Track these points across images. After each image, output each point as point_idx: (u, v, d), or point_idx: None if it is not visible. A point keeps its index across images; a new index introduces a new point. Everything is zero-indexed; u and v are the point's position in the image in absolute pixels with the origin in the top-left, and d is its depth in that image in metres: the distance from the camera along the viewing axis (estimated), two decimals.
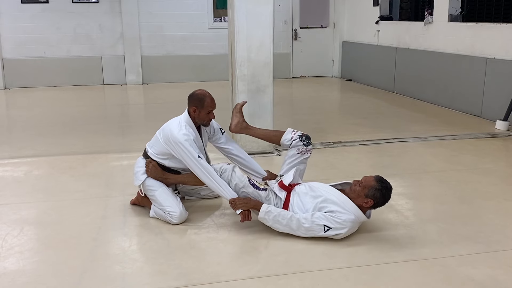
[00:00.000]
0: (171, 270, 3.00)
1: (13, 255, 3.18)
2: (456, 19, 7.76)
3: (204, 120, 3.68)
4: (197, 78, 10.96)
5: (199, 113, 3.64)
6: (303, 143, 3.66)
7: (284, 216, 3.31)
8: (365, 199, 3.27)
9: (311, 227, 3.25)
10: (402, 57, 9.09)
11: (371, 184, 3.26)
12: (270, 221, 3.34)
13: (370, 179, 3.29)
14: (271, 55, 5.19)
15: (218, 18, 11.05)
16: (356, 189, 3.30)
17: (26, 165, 5.08)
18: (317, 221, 3.24)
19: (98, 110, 8.40)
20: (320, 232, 3.24)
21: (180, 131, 3.55)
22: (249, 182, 3.53)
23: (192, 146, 3.52)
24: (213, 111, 3.69)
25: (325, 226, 3.22)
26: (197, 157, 3.49)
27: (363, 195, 3.27)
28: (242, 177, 3.55)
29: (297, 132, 3.71)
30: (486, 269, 2.97)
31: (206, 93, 3.72)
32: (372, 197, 3.25)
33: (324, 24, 11.67)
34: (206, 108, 3.64)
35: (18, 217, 3.78)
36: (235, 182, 3.52)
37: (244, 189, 3.51)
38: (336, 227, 3.23)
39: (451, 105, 7.72)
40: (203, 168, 3.50)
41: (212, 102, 3.67)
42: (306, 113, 7.90)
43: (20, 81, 10.40)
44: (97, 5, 10.51)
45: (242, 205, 3.42)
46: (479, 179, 4.59)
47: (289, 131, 3.75)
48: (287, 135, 3.72)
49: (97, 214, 3.80)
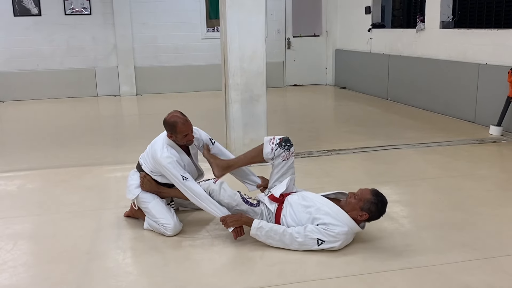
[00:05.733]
0: (166, 282, 2.97)
1: (6, 270, 3.14)
2: (448, 25, 7.80)
3: (184, 142, 3.62)
4: (191, 88, 10.99)
5: (176, 138, 3.58)
6: (284, 148, 3.57)
7: (276, 231, 3.26)
8: (360, 212, 3.23)
9: (304, 242, 3.21)
10: (395, 64, 9.13)
11: (367, 198, 3.22)
12: (262, 237, 3.29)
13: (366, 192, 3.26)
14: (264, 65, 5.20)
15: (211, 28, 11.08)
16: (351, 202, 3.26)
17: (19, 178, 5.06)
18: (310, 235, 3.20)
19: (92, 122, 8.37)
20: (314, 246, 3.20)
21: (162, 153, 3.51)
22: (242, 200, 3.43)
23: (175, 168, 3.46)
24: (190, 133, 3.58)
25: (318, 240, 3.19)
26: (181, 179, 3.44)
27: (358, 208, 3.22)
28: (234, 195, 3.43)
29: (275, 140, 3.62)
30: (482, 276, 2.96)
31: (177, 118, 3.55)
32: (368, 211, 3.22)
33: (317, 32, 11.71)
34: (180, 133, 3.55)
35: (11, 231, 3.75)
36: (227, 201, 3.41)
37: (237, 207, 3.42)
38: (330, 240, 3.19)
39: (444, 111, 7.74)
40: (188, 189, 3.44)
41: (184, 126, 3.53)
42: (300, 122, 7.91)
43: (13, 94, 10.37)
44: (90, 17, 10.51)
45: (233, 223, 3.35)
46: (474, 185, 4.60)
47: (267, 142, 3.64)
48: (267, 149, 3.61)
49: (91, 227, 3.77)
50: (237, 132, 5.26)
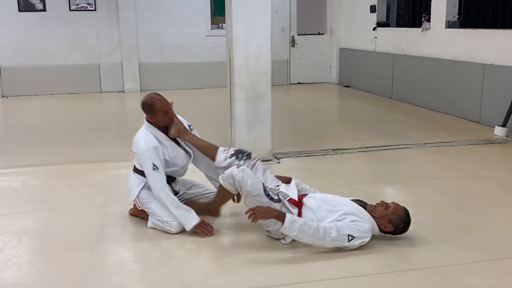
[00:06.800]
0: (170, 281, 2.96)
1: (11, 267, 3.14)
2: (454, 25, 7.77)
3: (165, 121, 3.61)
4: (195, 85, 10.98)
5: (157, 119, 3.58)
6: (243, 159, 3.53)
7: (310, 225, 3.18)
8: (387, 223, 3.28)
9: (337, 237, 3.17)
10: (400, 63, 9.10)
11: (399, 214, 3.30)
12: (295, 231, 3.17)
13: (400, 208, 3.33)
14: (269, 63, 5.18)
15: (215, 25, 11.06)
16: (381, 210, 3.30)
17: (23, 174, 5.05)
18: (341, 231, 3.18)
19: (96, 118, 8.37)
20: (345, 242, 3.18)
21: (140, 142, 3.53)
22: (264, 192, 3.32)
23: (151, 156, 3.47)
24: (169, 110, 3.58)
25: (349, 236, 3.17)
26: (152, 168, 3.45)
27: (387, 219, 3.28)
28: (257, 184, 3.31)
29: (229, 151, 3.59)
30: (488, 277, 2.94)
31: (153, 97, 3.60)
32: (395, 226, 3.29)
33: (321, 30, 11.68)
34: (159, 112, 3.55)
35: (15, 227, 3.75)
36: (248, 189, 3.27)
37: (257, 198, 3.29)
38: (360, 236, 3.20)
39: (449, 111, 7.72)
40: (154, 180, 3.47)
41: (162, 103, 3.56)
42: (304, 120, 7.90)
43: (18, 89, 10.39)
44: (94, 13, 10.51)
45: (263, 215, 3.21)
46: (478, 186, 4.58)
47: (221, 151, 3.61)
48: (220, 156, 3.58)
49: (95, 224, 3.77)
50: (242, 130, 5.25)
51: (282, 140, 6.00)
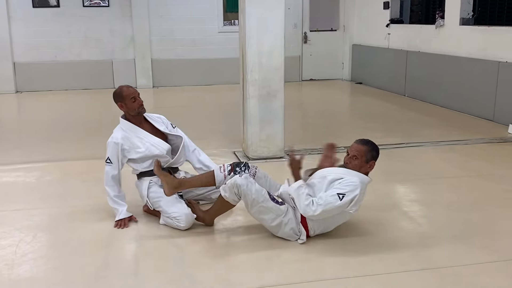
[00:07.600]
0: (183, 278, 2.99)
1: (26, 262, 3.19)
2: (468, 22, 7.71)
3: (135, 108, 3.76)
4: (207, 81, 11.00)
5: (127, 105, 3.76)
6: (242, 171, 3.54)
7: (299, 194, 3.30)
8: (367, 165, 3.36)
9: (327, 200, 3.19)
10: (413, 60, 9.04)
11: (363, 149, 3.36)
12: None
13: (360, 147, 3.39)
14: (282, 60, 5.18)
15: (228, 21, 11.08)
16: (355, 163, 3.36)
17: (37, 170, 5.11)
18: (329, 194, 3.22)
19: (109, 114, 8.35)
20: (337, 201, 3.19)
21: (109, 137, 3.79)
22: (269, 197, 3.35)
23: (109, 150, 3.76)
24: (137, 96, 3.77)
25: (339, 195, 3.20)
26: (105, 160, 3.75)
27: (364, 163, 3.35)
28: (261, 190, 3.34)
29: (225, 167, 3.60)
30: (502, 278, 2.93)
31: (121, 86, 3.84)
32: (372, 158, 3.37)
33: (334, 27, 11.64)
34: (127, 97, 3.74)
35: (30, 223, 3.80)
36: (254, 196, 3.29)
37: (263, 204, 3.31)
38: (350, 190, 3.22)
39: (463, 109, 7.66)
40: (105, 172, 3.77)
41: (129, 89, 3.78)
42: (315, 117, 7.89)
43: (32, 84, 10.48)
44: (107, 9, 10.56)
45: None
46: (492, 185, 4.55)
47: (217, 170, 3.61)
48: (219, 177, 3.58)
49: (109, 221, 3.80)
50: (254, 127, 5.26)
51: (294, 137, 6.00)
